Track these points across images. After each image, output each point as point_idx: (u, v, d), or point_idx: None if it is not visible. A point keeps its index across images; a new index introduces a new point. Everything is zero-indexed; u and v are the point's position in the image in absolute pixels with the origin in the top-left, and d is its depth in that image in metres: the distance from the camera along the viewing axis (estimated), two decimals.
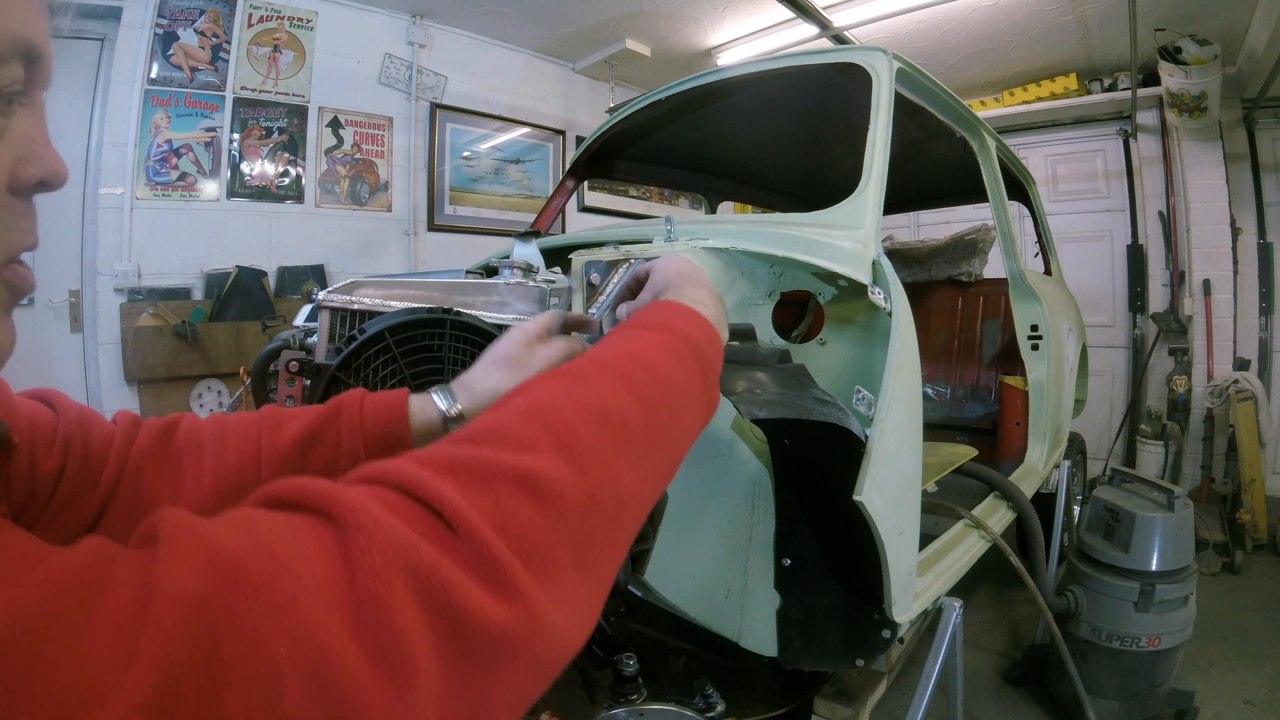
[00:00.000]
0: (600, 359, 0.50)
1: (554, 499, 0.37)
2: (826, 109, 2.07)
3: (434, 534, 0.33)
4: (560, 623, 0.36)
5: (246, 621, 0.27)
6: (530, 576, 0.34)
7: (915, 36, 3.67)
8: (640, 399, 0.47)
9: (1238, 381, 3.48)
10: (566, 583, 0.37)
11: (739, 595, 1.19)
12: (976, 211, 3.06)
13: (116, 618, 0.26)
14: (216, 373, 2.78)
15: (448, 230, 3.74)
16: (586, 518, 0.39)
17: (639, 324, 0.57)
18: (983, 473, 1.96)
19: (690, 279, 0.67)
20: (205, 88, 2.95)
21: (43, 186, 0.40)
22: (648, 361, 0.51)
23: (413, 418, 0.67)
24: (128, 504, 0.60)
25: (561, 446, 0.40)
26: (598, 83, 4.29)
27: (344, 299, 1.00)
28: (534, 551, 0.35)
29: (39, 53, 0.39)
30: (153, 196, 2.83)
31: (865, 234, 1.28)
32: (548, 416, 0.42)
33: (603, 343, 0.54)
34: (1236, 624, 2.58)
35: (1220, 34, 3.23)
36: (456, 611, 0.31)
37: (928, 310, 3.11)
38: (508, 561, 0.33)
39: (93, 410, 0.64)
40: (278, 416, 0.67)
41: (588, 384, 0.46)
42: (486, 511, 0.35)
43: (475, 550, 0.33)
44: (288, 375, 0.99)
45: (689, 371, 0.54)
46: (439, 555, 0.32)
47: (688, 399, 0.53)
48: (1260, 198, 3.88)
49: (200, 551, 0.28)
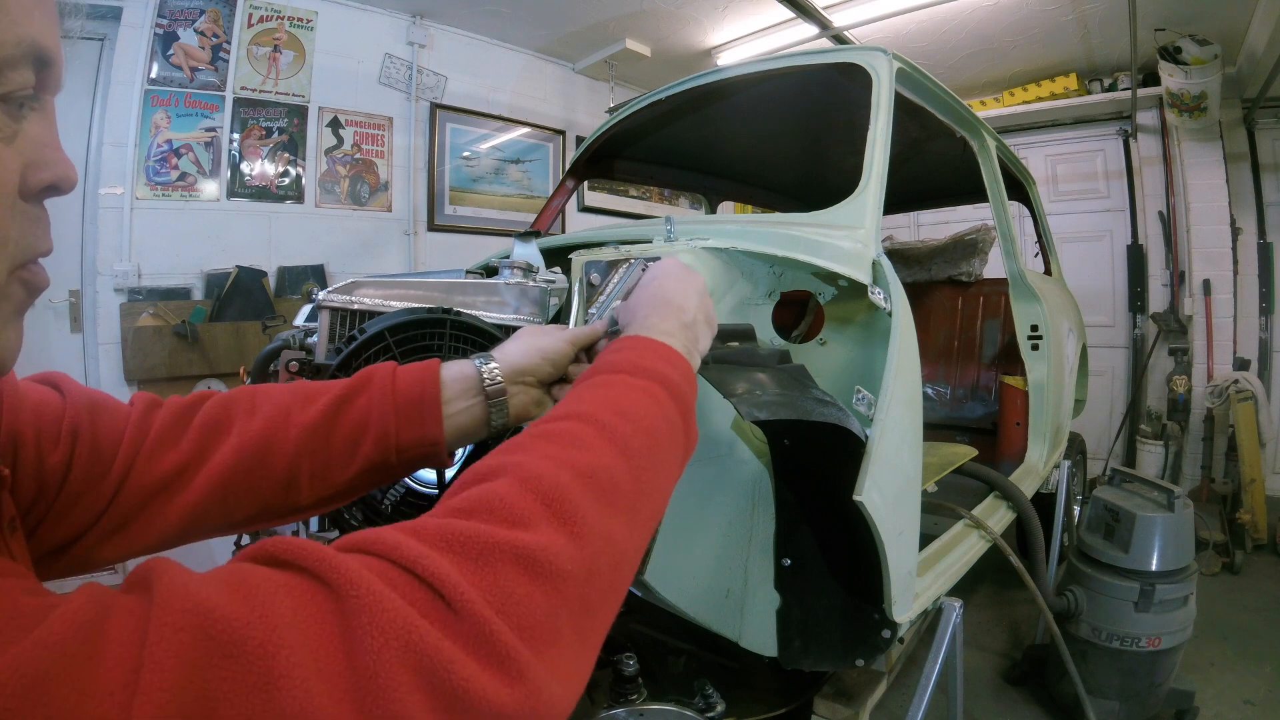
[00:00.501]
0: (584, 415, 0.48)
1: (553, 575, 0.37)
2: (826, 109, 2.07)
3: (434, 613, 0.33)
4: (559, 694, 0.35)
5: (238, 695, 0.26)
6: (531, 654, 0.34)
7: (915, 36, 3.67)
8: (628, 455, 0.46)
9: (1238, 381, 3.48)
10: (566, 654, 0.37)
11: (739, 595, 1.19)
12: (976, 211, 3.06)
13: (110, 686, 0.25)
14: (216, 373, 2.78)
15: (448, 230, 3.74)
16: (585, 587, 0.39)
17: (614, 367, 0.55)
18: (983, 473, 1.96)
19: (659, 307, 0.65)
20: (205, 88, 2.95)
21: (53, 191, 0.40)
22: (631, 413, 0.50)
23: (445, 386, 0.67)
24: (143, 486, 0.60)
25: (556, 518, 0.39)
26: (598, 83, 4.29)
27: (344, 299, 1.00)
28: (533, 627, 0.35)
29: (50, 58, 0.39)
30: (153, 196, 2.82)
31: (865, 234, 1.28)
32: (540, 487, 0.41)
33: (581, 392, 0.53)
34: (1236, 624, 2.58)
35: (1220, 34, 3.23)
36: (458, 693, 0.31)
37: (928, 310, 3.11)
38: (510, 643, 0.33)
39: (105, 395, 0.63)
40: (309, 389, 0.67)
41: (576, 446, 0.45)
42: (486, 590, 0.34)
43: (476, 631, 0.33)
44: (288, 375, 0.99)
45: (670, 415, 0.53)
46: (440, 636, 0.32)
47: (671, 444, 0.53)
48: (1260, 198, 3.88)
49: (193, 620, 0.27)
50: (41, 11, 0.38)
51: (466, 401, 0.67)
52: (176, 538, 0.62)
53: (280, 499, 0.64)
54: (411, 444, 0.65)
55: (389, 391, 0.66)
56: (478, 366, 0.69)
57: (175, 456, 0.61)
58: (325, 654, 0.29)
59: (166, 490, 0.61)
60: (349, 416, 0.65)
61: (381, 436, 0.64)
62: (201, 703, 0.26)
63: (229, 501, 0.62)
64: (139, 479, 0.60)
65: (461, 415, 0.67)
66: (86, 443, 0.59)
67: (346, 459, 0.65)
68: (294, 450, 0.63)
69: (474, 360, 0.69)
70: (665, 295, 0.67)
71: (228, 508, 0.62)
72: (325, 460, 0.64)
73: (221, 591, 0.29)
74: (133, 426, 0.62)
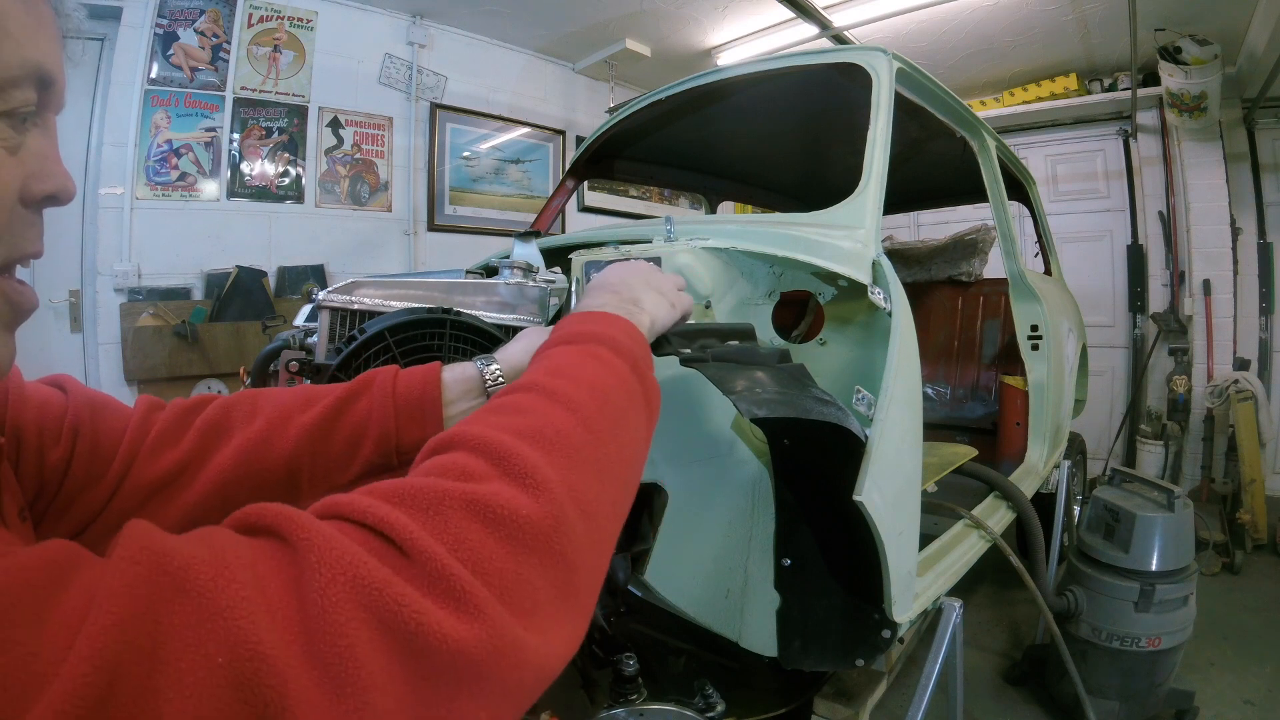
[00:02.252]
0: (524, 385, 0.49)
1: (509, 523, 0.36)
2: (826, 109, 2.07)
3: (386, 556, 0.33)
4: (533, 643, 0.35)
5: (186, 626, 0.27)
6: (491, 595, 0.34)
7: (915, 36, 3.67)
8: (573, 409, 0.46)
9: (1238, 381, 3.48)
10: (546, 608, 0.37)
11: (739, 595, 1.19)
12: (976, 211, 3.06)
13: (68, 616, 0.26)
14: (216, 373, 2.77)
15: (448, 230, 3.74)
16: (554, 539, 0.38)
17: (550, 344, 0.55)
18: (983, 473, 1.96)
19: (594, 291, 0.66)
20: (205, 88, 2.95)
21: (52, 201, 0.42)
22: (568, 372, 0.50)
23: (447, 387, 0.68)
24: (141, 484, 0.60)
25: (506, 474, 0.39)
26: (598, 83, 4.29)
27: (344, 299, 1.00)
28: (494, 571, 0.35)
29: (51, 79, 0.41)
30: (153, 196, 2.82)
31: (865, 234, 1.27)
32: (488, 449, 0.41)
33: (527, 371, 0.53)
34: (1236, 624, 2.58)
35: (1220, 34, 3.23)
36: (411, 629, 0.31)
37: (928, 310, 3.11)
38: (464, 579, 0.33)
39: (108, 396, 0.64)
40: (311, 392, 0.68)
41: (518, 412, 0.45)
42: (439, 534, 0.34)
43: (428, 570, 0.33)
44: (288, 375, 0.99)
45: (616, 369, 0.53)
46: (390, 574, 0.32)
47: (624, 395, 0.52)
48: (1260, 198, 3.88)
49: (150, 555, 0.28)
50: (44, 35, 0.40)
51: (469, 402, 0.68)
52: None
53: (281, 500, 0.64)
54: (413, 445, 0.65)
55: (389, 393, 0.66)
56: (479, 368, 0.69)
57: (175, 456, 0.61)
58: (275, 594, 0.30)
59: (166, 489, 0.61)
60: (349, 418, 0.65)
61: (382, 438, 0.65)
62: (151, 635, 0.26)
63: (229, 503, 0.62)
64: (138, 478, 0.60)
65: (464, 416, 0.67)
66: (87, 440, 0.59)
67: (347, 460, 0.65)
68: (293, 451, 0.63)
69: (476, 362, 0.70)
70: (601, 282, 0.68)
71: (228, 509, 0.62)
72: (325, 462, 0.64)
73: (185, 541, 0.30)
74: (134, 426, 0.62)
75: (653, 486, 1.13)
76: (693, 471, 1.13)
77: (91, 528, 0.59)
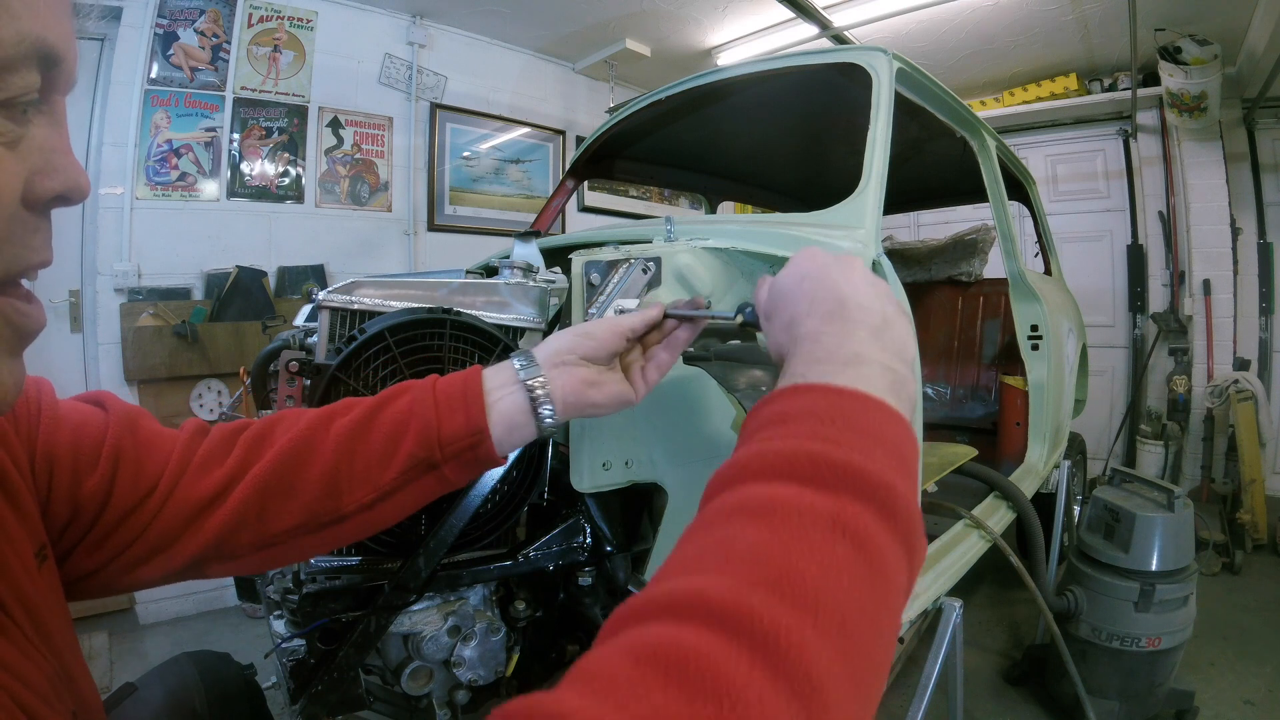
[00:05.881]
0: (726, 618, 0.29)
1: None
2: (826, 109, 2.07)
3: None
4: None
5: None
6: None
7: (915, 36, 3.67)
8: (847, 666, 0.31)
9: (1238, 381, 3.48)
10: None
11: None
12: (976, 211, 3.06)
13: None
14: (216, 373, 2.77)
15: (448, 230, 3.74)
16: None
17: (775, 470, 0.35)
18: (983, 473, 1.96)
19: (830, 310, 0.44)
20: (205, 88, 2.95)
21: (61, 200, 0.37)
22: (818, 604, 0.31)
23: (486, 378, 0.66)
24: (185, 505, 0.59)
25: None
26: (598, 83, 4.29)
27: (344, 299, 1.00)
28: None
29: (57, 55, 0.35)
30: (153, 196, 2.82)
31: (865, 234, 1.27)
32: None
33: (713, 540, 0.34)
34: (1236, 624, 2.58)
35: (1220, 34, 3.23)
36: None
37: (928, 310, 3.11)
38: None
39: (144, 412, 0.63)
40: (353, 399, 0.67)
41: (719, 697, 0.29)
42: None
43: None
44: (288, 375, 0.99)
45: (883, 563, 0.34)
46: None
47: (882, 609, 0.34)
48: (1260, 198, 3.88)
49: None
50: (48, 4, 0.34)
51: (508, 389, 0.66)
52: (212, 549, 0.60)
53: (321, 505, 0.62)
54: (455, 435, 0.63)
55: (429, 389, 0.66)
56: (514, 358, 0.68)
57: (220, 474, 0.60)
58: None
59: (209, 508, 0.60)
60: (389, 413, 0.64)
61: (424, 429, 0.63)
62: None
63: (267, 510, 0.61)
64: (183, 498, 0.59)
65: (504, 401, 0.65)
66: (129, 466, 0.57)
67: (388, 456, 0.63)
68: (334, 448, 0.62)
69: (512, 357, 0.69)
70: (831, 294, 0.46)
71: (265, 517, 0.61)
72: (365, 460, 0.63)
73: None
74: (180, 449, 0.61)
75: (653, 486, 1.13)
76: (693, 471, 1.13)
77: (130, 550, 0.58)
